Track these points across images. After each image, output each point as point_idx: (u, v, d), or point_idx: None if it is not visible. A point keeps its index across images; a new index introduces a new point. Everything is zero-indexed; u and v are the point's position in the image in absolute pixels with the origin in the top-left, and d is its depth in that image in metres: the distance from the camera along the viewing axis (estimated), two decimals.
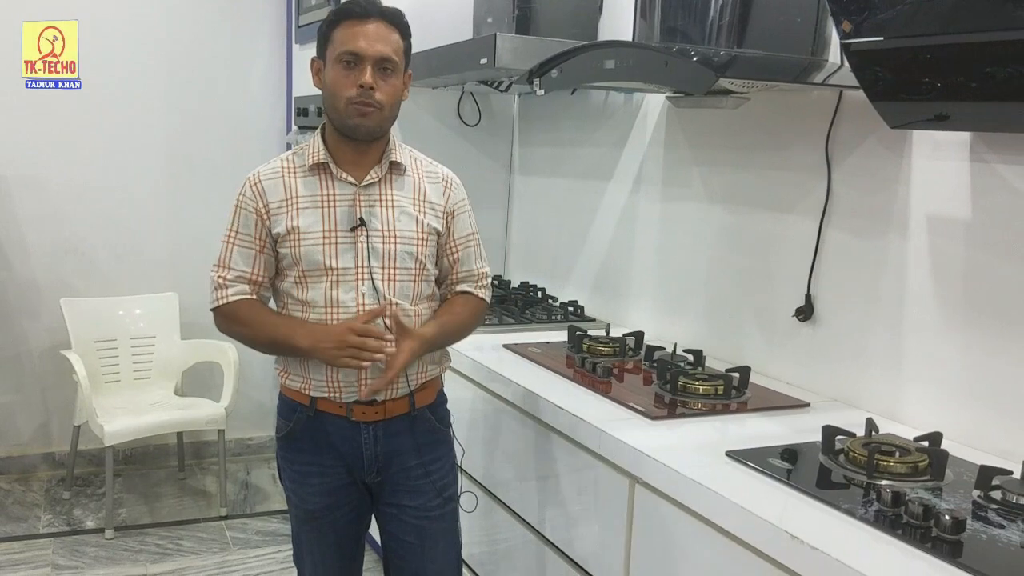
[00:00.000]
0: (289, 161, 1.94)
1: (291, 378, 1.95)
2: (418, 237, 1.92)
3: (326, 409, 1.93)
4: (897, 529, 1.41)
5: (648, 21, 2.22)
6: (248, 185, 1.93)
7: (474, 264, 2.05)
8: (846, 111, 2.10)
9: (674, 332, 2.66)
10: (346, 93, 1.82)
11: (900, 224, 1.98)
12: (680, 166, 2.69)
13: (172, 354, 4.00)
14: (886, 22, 1.53)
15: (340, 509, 2.01)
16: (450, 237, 2.00)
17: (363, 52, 1.81)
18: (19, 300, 3.93)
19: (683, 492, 1.63)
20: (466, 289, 2.04)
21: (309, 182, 1.90)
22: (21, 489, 3.90)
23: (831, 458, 1.70)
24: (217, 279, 1.93)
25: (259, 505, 3.87)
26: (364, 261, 1.87)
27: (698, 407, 2.04)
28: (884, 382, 2.03)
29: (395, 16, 1.87)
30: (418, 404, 1.97)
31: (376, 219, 1.89)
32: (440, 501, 2.02)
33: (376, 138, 1.90)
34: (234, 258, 1.92)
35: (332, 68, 1.85)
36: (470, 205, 2.05)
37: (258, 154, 4.13)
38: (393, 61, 1.84)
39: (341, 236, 1.87)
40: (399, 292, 1.90)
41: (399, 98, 1.90)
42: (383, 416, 1.94)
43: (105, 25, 3.91)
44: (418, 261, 1.92)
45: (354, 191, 1.89)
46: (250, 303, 1.92)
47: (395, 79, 1.86)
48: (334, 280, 1.87)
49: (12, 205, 3.87)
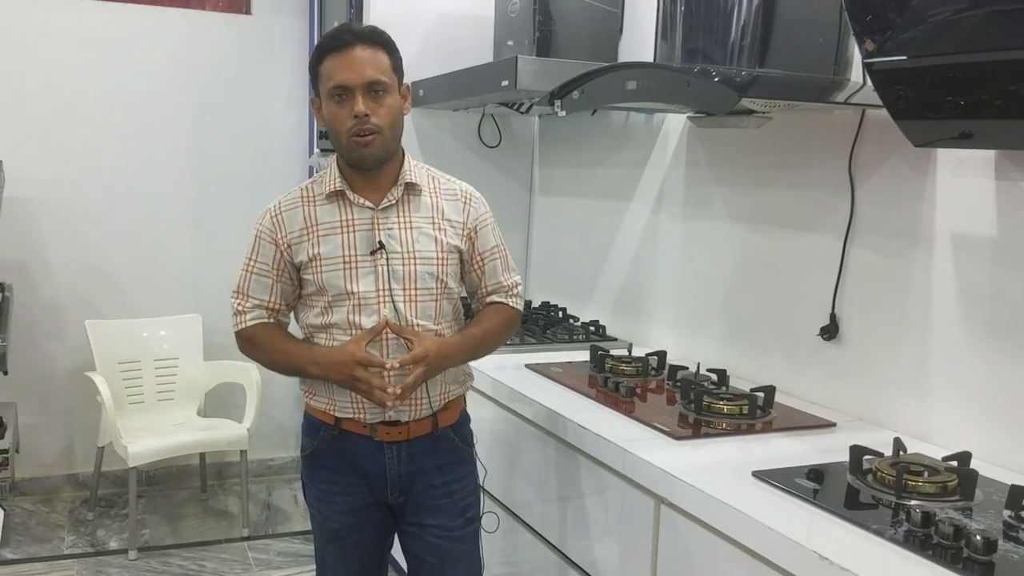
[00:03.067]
0: (308, 190, 1.96)
1: (316, 398, 1.96)
2: (438, 256, 1.92)
3: (351, 429, 1.94)
4: (927, 550, 1.40)
5: (669, 42, 2.22)
6: (268, 216, 1.95)
7: (502, 276, 2.05)
8: (869, 130, 2.10)
9: (697, 351, 2.65)
10: (344, 127, 1.84)
11: (925, 242, 1.97)
12: (701, 186, 2.69)
13: (195, 375, 4.02)
14: (909, 41, 1.53)
15: (364, 528, 2.01)
16: (475, 252, 2.00)
17: (350, 83, 1.82)
18: (44, 321, 3.97)
19: (709, 512, 1.63)
20: (497, 300, 2.05)
21: (328, 209, 1.92)
22: (45, 510, 3.92)
23: (859, 478, 1.69)
24: (236, 305, 1.97)
25: (281, 526, 3.87)
26: (385, 284, 1.88)
27: (723, 427, 2.03)
28: (911, 401, 2.02)
29: (375, 36, 1.87)
30: (441, 424, 1.98)
31: (395, 241, 1.90)
32: (462, 521, 2.02)
33: (384, 162, 1.91)
34: (252, 286, 1.95)
35: (327, 104, 1.87)
36: (493, 218, 2.05)
37: (280, 177, 4.22)
38: (382, 82, 1.84)
39: (361, 260, 1.88)
40: (421, 313, 1.91)
41: (399, 115, 1.90)
42: (406, 436, 1.94)
43: (129, 48, 3.97)
44: (439, 280, 1.92)
45: (372, 215, 1.91)
46: (267, 327, 1.95)
47: (389, 98, 1.86)
48: (355, 304, 1.88)
49: (37, 227, 3.91)
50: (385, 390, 1.81)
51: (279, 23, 4.20)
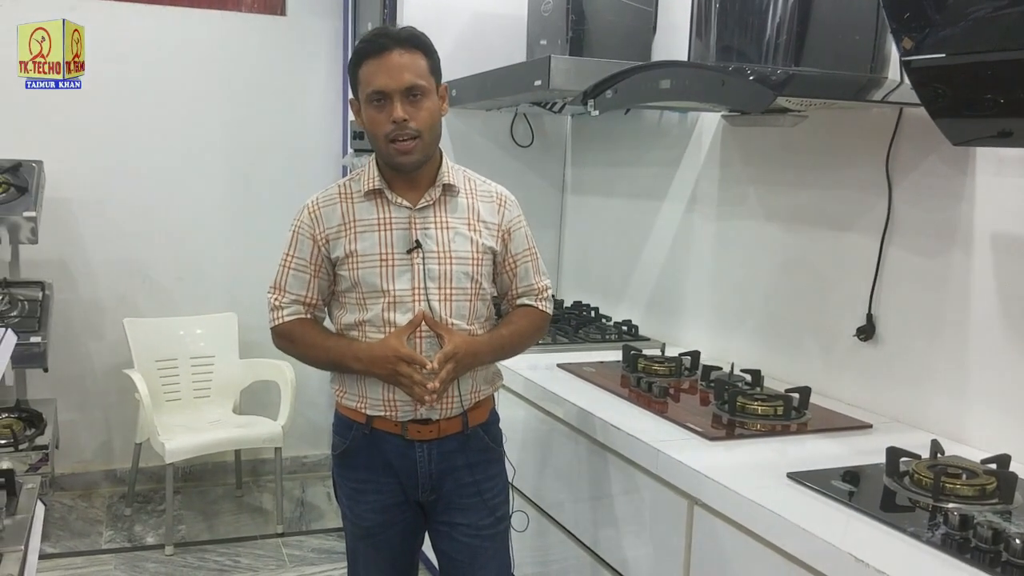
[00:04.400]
0: (346, 187, 1.97)
1: (347, 397, 1.98)
2: (473, 257, 1.93)
3: (382, 427, 1.95)
4: (965, 553, 1.38)
5: (704, 40, 2.21)
6: (306, 212, 1.97)
7: (533, 279, 2.06)
8: (906, 128, 2.07)
9: (730, 352, 2.63)
10: (383, 131, 1.85)
11: (964, 242, 1.95)
12: (736, 185, 2.67)
13: (231, 373, 4.06)
14: (948, 38, 1.51)
15: (395, 526, 2.02)
16: (507, 254, 2.01)
17: (387, 88, 1.83)
18: (83, 320, 4.03)
19: (744, 514, 1.62)
20: (527, 302, 2.06)
21: (366, 207, 1.93)
22: (84, 505, 3.99)
23: (895, 480, 1.67)
24: (273, 301, 1.98)
25: (315, 523, 3.90)
26: (420, 283, 1.89)
27: (757, 428, 2.02)
28: (948, 403, 1.99)
29: (413, 39, 1.87)
30: (471, 423, 1.98)
31: (432, 241, 1.91)
32: (492, 520, 2.03)
33: (423, 165, 1.92)
34: (289, 282, 1.97)
35: (365, 109, 1.89)
36: (526, 221, 2.06)
37: (315, 177, 4.25)
38: (420, 86, 1.85)
39: (398, 259, 1.90)
40: (455, 312, 1.91)
41: (437, 118, 1.91)
42: (437, 435, 1.95)
43: (167, 49, 4.02)
44: (474, 280, 1.93)
45: (409, 214, 1.92)
46: (304, 323, 1.97)
47: (428, 102, 1.87)
48: (390, 302, 1.89)
49: (77, 227, 3.97)
50: (425, 386, 1.82)
51: (314, 24, 4.23)
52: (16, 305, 3.46)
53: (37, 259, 3.79)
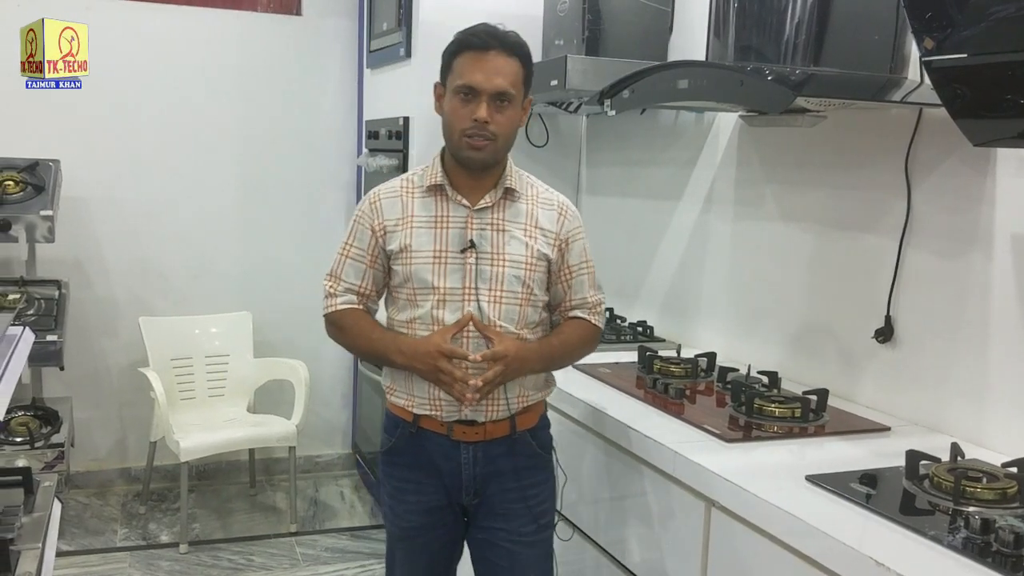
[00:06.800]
0: (408, 181, 1.98)
1: (396, 394, 1.99)
2: (526, 262, 1.93)
3: (428, 427, 1.95)
4: (987, 557, 1.37)
5: (722, 40, 2.20)
6: (368, 202, 1.98)
7: (587, 292, 2.04)
8: (926, 129, 2.06)
9: (747, 353, 2.62)
10: (461, 125, 1.86)
11: (984, 244, 1.93)
12: (753, 185, 2.66)
13: (245, 372, 4.07)
14: (969, 39, 1.49)
15: (435, 530, 2.02)
16: (563, 264, 2.00)
17: (479, 87, 1.84)
18: (99, 318, 4.04)
19: (762, 516, 1.61)
20: (579, 315, 2.04)
21: (426, 203, 1.94)
22: (99, 503, 4.00)
23: (915, 483, 1.66)
24: (328, 288, 2.00)
25: (328, 522, 3.91)
26: (471, 283, 1.89)
27: (774, 430, 2.01)
28: (968, 406, 1.98)
29: (515, 45, 1.89)
30: (519, 427, 1.98)
31: (486, 242, 1.91)
32: (535, 528, 2.01)
33: (490, 167, 1.92)
34: (345, 270, 1.98)
35: (450, 98, 1.89)
36: (585, 233, 2.04)
37: (329, 177, 4.26)
38: (510, 94, 1.85)
39: (451, 257, 1.90)
40: (504, 315, 1.91)
41: (516, 127, 1.92)
42: (483, 437, 1.95)
43: (181, 49, 4.04)
44: (525, 285, 1.93)
45: (467, 213, 1.92)
46: (355, 313, 1.98)
47: (511, 110, 1.88)
48: (440, 299, 1.89)
49: (92, 226, 3.99)
50: (467, 382, 1.82)
51: (329, 24, 4.24)
52: (33, 304, 3.47)
53: (53, 258, 3.81)
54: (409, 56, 3.45)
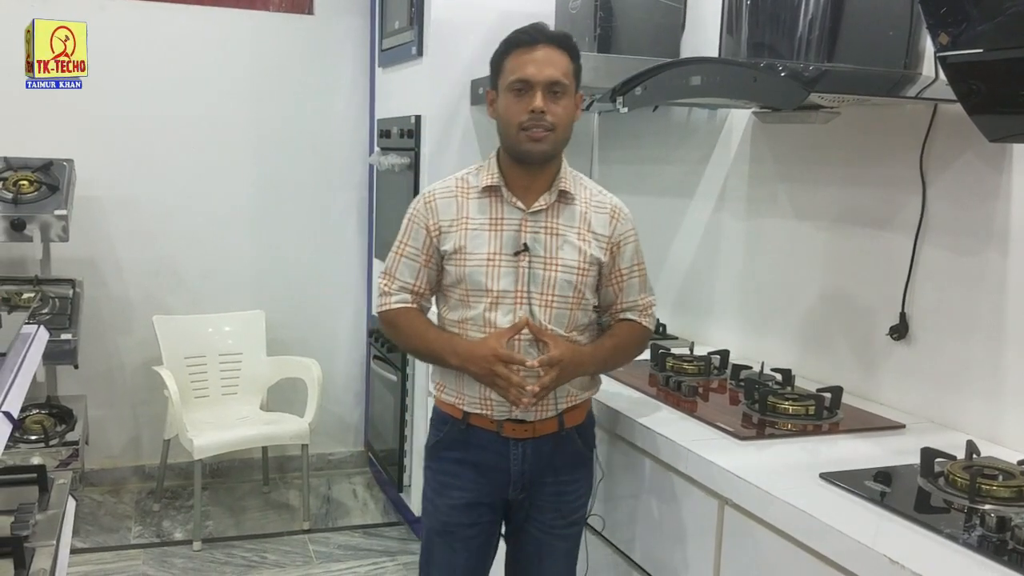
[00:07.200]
0: (464, 181, 1.99)
1: (446, 392, 2.00)
2: (579, 267, 1.93)
3: (478, 424, 1.97)
4: (1003, 555, 1.36)
5: (735, 37, 2.19)
6: (422, 201, 1.99)
7: (638, 295, 2.05)
8: (941, 125, 2.05)
9: (760, 351, 2.61)
10: (518, 120, 1.87)
11: (1000, 240, 1.92)
12: (766, 182, 2.65)
13: (258, 370, 4.08)
14: (985, 34, 1.48)
15: (474, 527, 2.03)
16: (615, 267, 2.01)
17: (532, 78, 1.85)
18: (113, 317, 4.06)
19: (775, 514, 1.60)
20: (630, 317, 2.05)
21: (480, 204, 1.95)
22: (113, 500, 4.02)
23: (930, 481, 1.65)
24: (383, 286, 2.02)
25: (341, 520, 3.92)
26: (524, 286, 1.90)
27: (788, 428, 2.00)
28: (984, 403, 1.97)
29: (563, 40, 1.92)
30: (567, 424, 1.99)
31: (540, 246, 1.92)
32: (565, 522, 2.04)
33: (549, 160, 1.93)
34: (400, 269, 1.99)
35: (504, 97, 1.90)
36: (637, 236, 2.05)
37: (341, 175, 4.27)
38: (563, 84, 1.87)
39: (504, 259, 1.91)
40: (555, 319, 1.92)
41: (571, 119, 1.93)
42: (532, 434, 1.96)
43: (194, 48, 4.05)
44: (577, 290, 1.93)
45: (521, 216, 1.93)
46: (409, 312, 1.99)
47: (566, 100, 1.89)
48: (492, 302, 1.90)
49: (107, 225, 4.01)
50: (524, 387, 1.82)
51: (341, 23, 4.24)
52: (47, 302, 3.49)
53: (67, 257, 3.83)
54: (421, 55, 3.44)
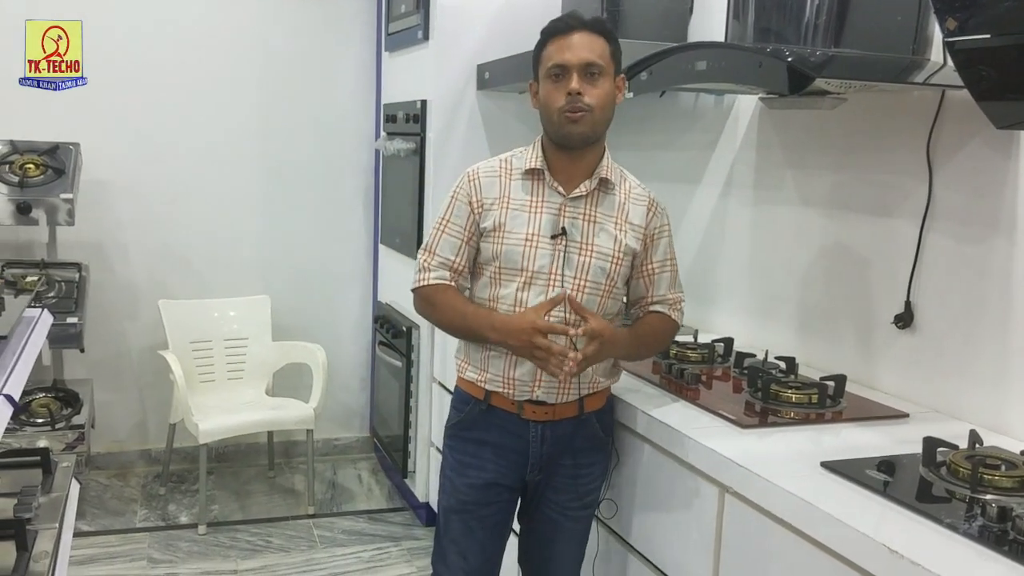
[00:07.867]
0: (507, 163, 2.01)
1: (469, 370, 2.02)
2: (614, 255, 1.95)
3: (498, 404, 1.99)
4: (1003, 546, 1.35)
5: (741, 22, 2.17)
6: (466, 179, 2.01)
7: (668, 290, 2.06)
8: (949, 111, 2.03)
9: (764, 339, 2.60)
10: (557, 104, 1.88)
11: (1007, 228, 1.90)
12: (773, 169, 2.63)
13: (264, 355, 4.09)
14: (993, 19, 1.47)
15: (490, 506, 2.05)
16: (647, 259, 2.02)
17: (568, 62, 1.87)
18: (119, 301, 4.06)
19: (776, 502, 1.59)
20: (660, 310, 2.06)
21: (522, 186, 1.97)
22: (119, 484, 4.04)
23: (932, 471, 1.64)
24: (422, 262, 2.02)
25: (345, 504, 3.92)
26: (559, 268, 1.92)
27: (791, 416, 1.99)
28: (988, 393, 1.95)
29: (598, 24, 1.93)
30: (587, 408, 2.01)
31: (577, 231, 1.94)
32: (579, 505, 2.07)
33: (590, 143, 1.93)
34: (441, 245, 2.00)
35: (544, 84, 1.92)
36: (671, 232, 2.07)
37: (347, 159, 4.26)
38: (599, 65, 1.88)
39: (542, 241, 1.93)
40: (586, 304, 1.93)
41: (611, 102, 1.93)
42: (552, 417, 1.98)
43: (201, 30, 4.04)
44: (609, 278, 1.95)
45: (561, 201, 1.95)
46: (446, 289, 2.00)
47: (604, 82, 1.90)
48: (526, 281, 1.92)
49: (114, 210, 4.01)
50: (565, 355, 1.82)
51: (348, 6, 4.22)
52: (53, 286, 3.50)
53: (74, 241, 3.83)
54: (427, 39, 3.43)
